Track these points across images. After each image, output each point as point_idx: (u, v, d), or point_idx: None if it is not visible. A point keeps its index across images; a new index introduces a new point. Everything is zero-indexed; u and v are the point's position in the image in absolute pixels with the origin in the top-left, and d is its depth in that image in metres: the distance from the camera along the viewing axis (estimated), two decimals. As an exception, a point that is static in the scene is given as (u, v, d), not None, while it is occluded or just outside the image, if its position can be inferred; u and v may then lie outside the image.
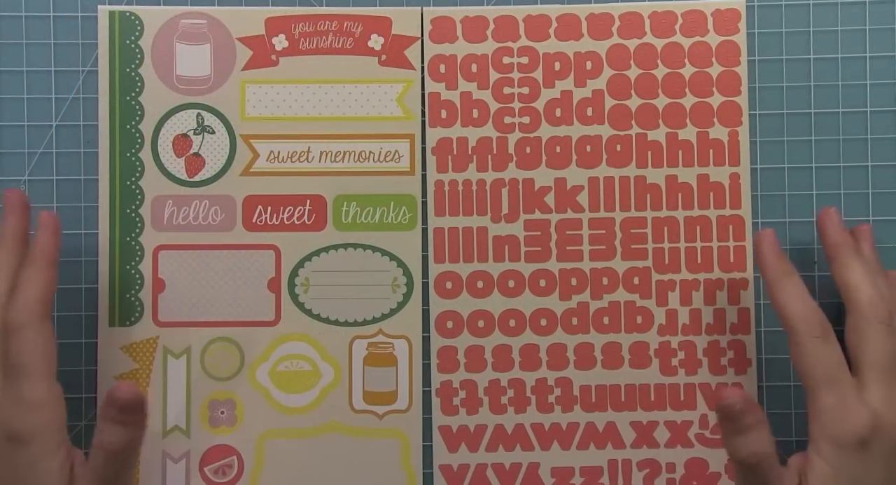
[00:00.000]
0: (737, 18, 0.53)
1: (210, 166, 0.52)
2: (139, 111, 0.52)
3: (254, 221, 0.52)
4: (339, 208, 0.52)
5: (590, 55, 0.53)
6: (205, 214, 0.52)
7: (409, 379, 0.52)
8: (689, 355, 0.53)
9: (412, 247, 0.52)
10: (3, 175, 0.53)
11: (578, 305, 0.53)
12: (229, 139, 0.52)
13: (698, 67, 0.53)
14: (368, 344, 0.52)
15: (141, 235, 0.52)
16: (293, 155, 0.52)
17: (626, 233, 0.53)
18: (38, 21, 0.53)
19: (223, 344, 0.51)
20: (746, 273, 0.53)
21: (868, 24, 0.54)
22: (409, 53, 0.52)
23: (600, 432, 0.53)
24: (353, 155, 0.52)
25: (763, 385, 0.53)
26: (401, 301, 0.52)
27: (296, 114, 0.52)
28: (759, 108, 0.54)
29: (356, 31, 0.52)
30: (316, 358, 0.52)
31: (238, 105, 0.52)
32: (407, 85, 0.52)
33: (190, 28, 0.52)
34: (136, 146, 0.52)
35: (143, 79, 0.52)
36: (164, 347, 0.51)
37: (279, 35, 0.52)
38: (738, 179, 0.53)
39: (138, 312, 0.51)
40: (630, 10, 0.53)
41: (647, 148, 0.53)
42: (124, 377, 0.51)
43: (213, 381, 0.51)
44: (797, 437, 0.53)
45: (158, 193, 0.52)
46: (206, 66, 0.52)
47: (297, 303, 0.52)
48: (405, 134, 0.52)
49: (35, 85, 0.53)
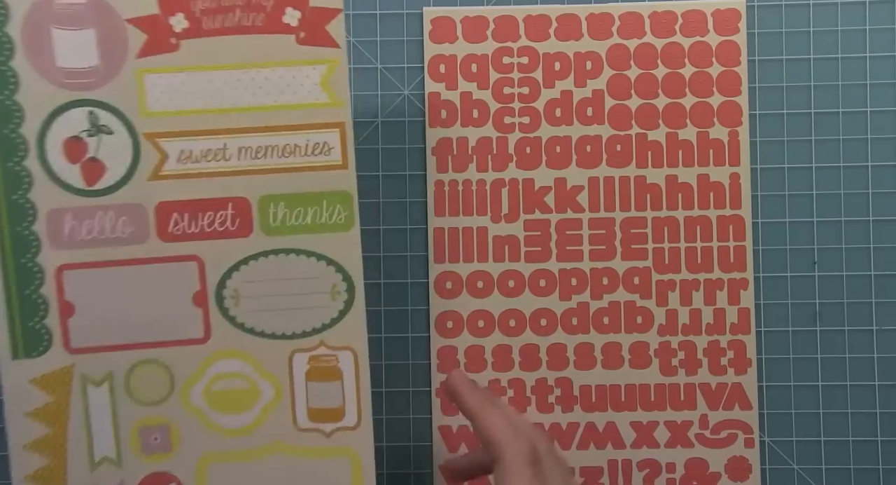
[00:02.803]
0: (737, 18, 0.53)
1: (112, 172, 0.45)
2: (18, 113, 0.44)
3: (170, 230, 0.45)
4: (266, 210, 0.46)
5: (590, 55, 0.53)
6: (112, 226, 0.45)
7: (357, 393, 0.47)
8: (689, 355, 0.53)
9: (350, 249, 0.46)
10: (4, 175, 0.53)
11: (578, 305, 0.53)
12: (131, 139, 0.45)
13: (698, 67, 0.53)
14: (310, 358, 0.47)
15: (38, 255, 0.45)
16: (208, 153, 0.45)
17: (626, 233, 0.53)
18: None
19: (149, 366, 0.46)
20: (746, 273, 0.53)
21: (868, 24, 0.54)
22: (331, 29, 0.45)
23: (600, 432, 0.53)
24: (277, 150, 0.46)
25: (763, 385, 0.53)
26: (342, 309, 0.47)
27: (206, 106, 0.45)
28: (759, 108, 0.54)
29: (267, 4, 0.45)
30: (253, 375, 0.47)
31: (136, 99, 0.45)
32: (331, 66, 0.46)
33: (67, 9, 0.44)
34: (20, 154, 0.45)
35: (17, 74, 0.44)
36: (81, 376, 0.46)
37: (177, 14, 0.45)
38: (738, 179, 0.53)
39: (46, 340, 0.45)
40: (630, 10, 0.53)
41: (647, 148, 0.53)
42: (37, 413, 0.45)
43: (141, 407, 0.46)
44: (797, 437, 0.53)
45: (54, 206, 0.45)
46: (93, 54, 0.44)
47: (228, 317, 0.46)
48: (334, 122, 0.46)
49: None
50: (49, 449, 0.45)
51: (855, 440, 0.53)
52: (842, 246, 0.53)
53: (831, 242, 0.54)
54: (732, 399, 0.53)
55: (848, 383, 0.53)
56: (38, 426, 0.45)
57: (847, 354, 0.53)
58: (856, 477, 0.53)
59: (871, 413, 0.53)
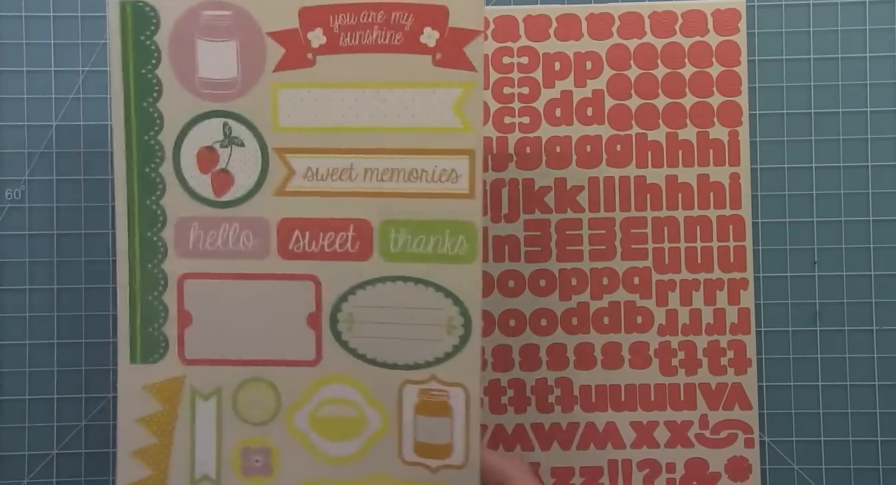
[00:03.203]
0: (737, 18, 0.53)
1: (240, 184, 0.45)
2: (158, 120, 0.45)
3: (290, 247, 0.45)
4: (387, 235, 0.44)
5: (590, 55, 0.53)
6: (235, 238, 0.45)
7: (466, 432, 0.45)
8: (689, 355, 0.53)
9: (471, 283, 0.44)
10: (4, 175, 0.53)
11: (578, 305, 0.53)
12: (261, 153, 0.45)
13: (698, 67, 0.53)
14: (420, 391, 0.45)
15: (164, 261, 0.45)
16: (334, 172, 0.44)
17: (626, 233, 0.53)
18: (38, 21, 0.53)
19: (257, 385, 0.45)
20: (746, 273, 0.53)
21: (868, 24, 0.54)
22: (469, 51, 0.44)
23: (600, 432, 0.53)
24: (403, 173, 0.44)
25: (763, 385, 0.53)
26: (457, 344, 0.45)
27: (336, 124, 0.44)
28: (759, 108, 0.54)
29: (406, 23, 0.44)
30: (362, 403, 0.45)
31: (270, 113, 0.44)
32: (466, 89, 0.44)
33: (213, 21, 0.44)
34: (156, 160, 0.45)
35: (161, 82, 0.45)
36: (191, 388, 0.45)
37: (316, 29, 0.44)
38: (738, 179, 0.53)
39: (162, 348, 0.45)
40: (630, 10, 0.53)
41: (647, 148, 0.53)
42: (148, 421, 0.45)
43: (246, 425, 0.45)
44: (797, 437, 0.53)
45: (183, 215, 0.45)
46: (233, 66, 0.44)
47: (341, 341, 0.45)
48: (464, 149, 0.44)
49: (35, 85, 0.53)
50: (154, 460, 0.45)
51: (855, 440, 0.53)
52: (842, 246, 0.53)
53: (831, 242, 0.54)
54: (732, 399, 0.53)
55: (848, 383, 0.53)
56: (147, 435, 0.45)
57: (847, 354, 0.53)
58: (856, 477, 0.53)
59: (871, 413, 0.53)
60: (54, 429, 0.53)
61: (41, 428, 0.53)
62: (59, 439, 0.53)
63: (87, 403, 0.53)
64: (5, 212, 0.53)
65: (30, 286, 0.53)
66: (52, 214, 0.53)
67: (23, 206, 0.53)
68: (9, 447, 0.53)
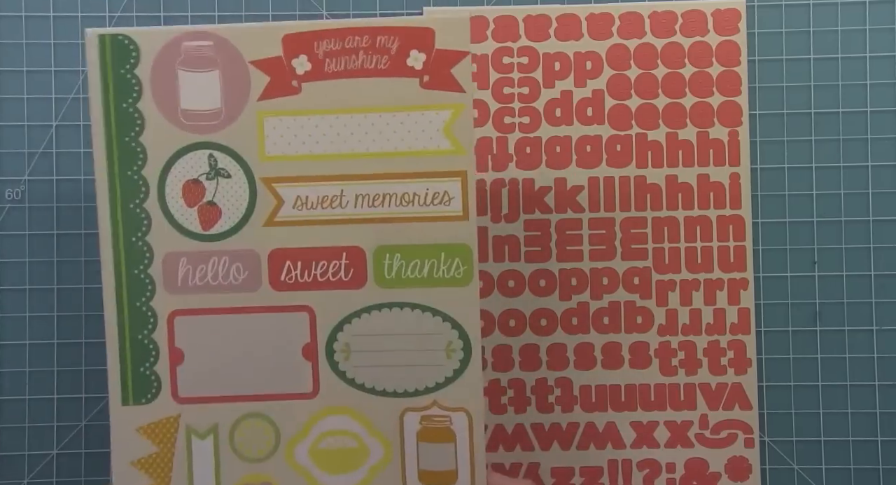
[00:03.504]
0: (737, 18, 0.53)
1: (228, 216, 0.44)
2: (141, 154, 0.44)
3: (282, 278, 0.44)
4: (381, 261, 0.44)
5: (590, 55, 0.53)
6: (225, 272, 0.44)
7: (470, 456, 0.44)
8: (689, 355, 0.53)
9: (468, 305, 0.44)
10: (3, 175, 0.53)
11: (578, 305, 0.53)
12: (248, 184, 0.44)
13: (698, 67, 0.53)
14: (422, 417, 0.44)
15: (152, 299, 0.44)
16: (324, 200, 0.44)
17: (626, 233, 0.53)
18: (38, 21, 0.53)
19: (255, 421, 0.44)
20: (746, 273, 0.53)
21: (868, 24, 0.54)
22: (456, 72, 0.43)
23: (600, 432, 0.53)
24: (395, 198, 0.44)
25: (763, 385, 0.53)
26: (457, 368, 0.44)
27: (325, 151, 0.44)
28: (759, 108, 0.54)
29: (392, 47, 0.43)
30: (363, 433, 0.44)
31: (256, 142, 0.44)
32: (456, 111, 0.43)
33: (194, 51, 0.43)
34: (141, 196, 0.44)
35: (143, 115, 0.43)
36: (187, 427, 0.44)
37: (300, 56, 0.43)
38: (738, 179, 0.53)
39: (155, 387, 0.44)
40: (630, 10, 0.53)
41: (647, 148, 0.53)
42: (143, 463, 0.44)
43: (245, 463, 0.44)
44: (797, 437, 0.53)
45: (170, 250, 0.44)
46: (216, 96, 0.44)
47: (338, 372, 0.44)
48: (455, 171, 0.44)
49: (35, 85, 0.53)
50: None
51: (855, 440, 0.53)
52: (842, 246, 0.54)
53: (831, 242, 0.54)
54: (732, 399, 0.53)
55: (848, 383, 0.53)
56: (143, 477, 0.44)
57: (847, 354, 0.53)
58: (856, 477, 0.53)
59: (871, 413, 0.53)
60: (54, 429, 0.53)
61: (41, 428, 0.53)
62: (59, 439, 0.53)
63: (87, 403, 0.53)
64: (5, 212, 0.53)
65: (30, 286, 0.53)
66: (52, 214, 0.53)
67: (23, 206, 0.53)
68: (9, 447, 0.53)
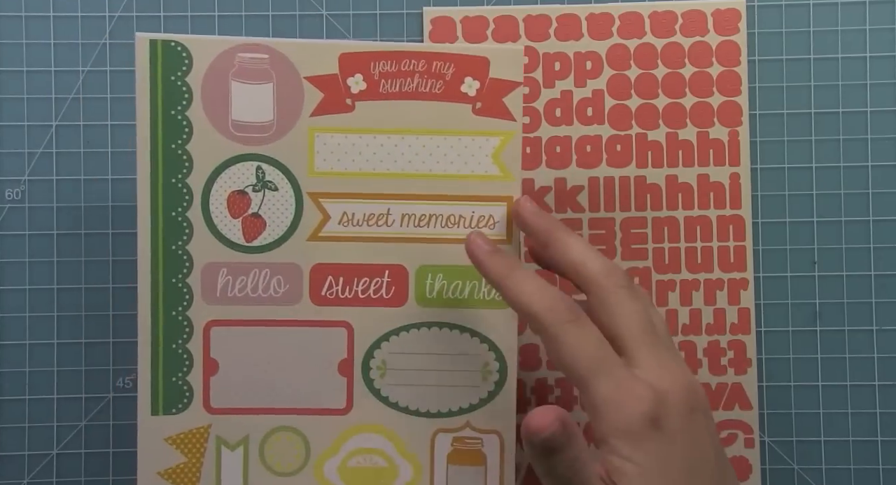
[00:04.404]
0: (737, 18, 0.53)
1: (272, 229, 0.44)
2: (187, 162, 0.44)
3: (323, 293, 0.44)
4: (423, 281, 0.44)
5: (590, 55, 0.53)
6: (265, 284, 0.44)
7: (500, 480, 0.44)
8: (689, 355, 0.53)
9: (506, 328, 0.45)
10: (3, 175, 0.53)
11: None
12: (295, 198, 0.44)
13: (698, 67, 0.53)
14: (454, 439, 0.44)
15: (189, 308, 0.44)
16: (370, 218, 0.44)
17: (626, 233, 0.53)
18: (38, 21, 0.53)
19: (286, 434, 0.44)
20: (746, 273, 0.53)
21: (868, 24, 0.54)
22: (508, 101, 0.45)
23: (600, 432, 0.53)
24: (441, 219, 0.44)
25: (763, 385, 0.53)
26: (492, 390, 0.45)
27: (374, 169, 0.44)
28: (759, 108, 0.54)
29: (447, 72, 0.44)
30: (393, 453, 0.45)
31: (306, 157, 0.44)
32: (505, 139, 0.44)
33: (249, 64, 0.43)
34: (184, 204, 0.44)
35: (191, 123, 0.44)
36: (217, 438, 0.44)
37: (356, 75, 0.44)
38: (738, 179, 0.53)
39: (187, 397, 0.44)
40: (630, 10, 0.53)
41: (647, 148, 0.53)
42: (170, 474, 0.44)
43: (274, 476, 0.44)
44: (797, 437, 0.53)
45: (210, 260, 0.44)
46: (269, 110, 0.44)
47: (373, 389, 0.44)
48: (502, 196, 0.44)
49: (35, 85, 0.53)
50: None
51: (855, 440, 0.53)
52: (842, 246, 0.54)
53: (831, 242, 0.54)
54: (732, 399, 0.53)
55: (848, 383, 0.53)
56: None
57: (847, 355, 0.53)
58: (856, 477, 0.53)
59: (871, 413, 0.53)
60: (54, 429, 0.53)
61: (41, 428, 0.53)
62: (59, 439, 0.53)
63: (87, 403, 0.53)
64: (5, 212, 0.53)
65: (30, 286, 0.53)
66: (52, 214, 0.53)
67: (23, 206, 0.53)
68: (9, 447, 0.53)
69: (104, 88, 0.53)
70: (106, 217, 0.53)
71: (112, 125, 0.53)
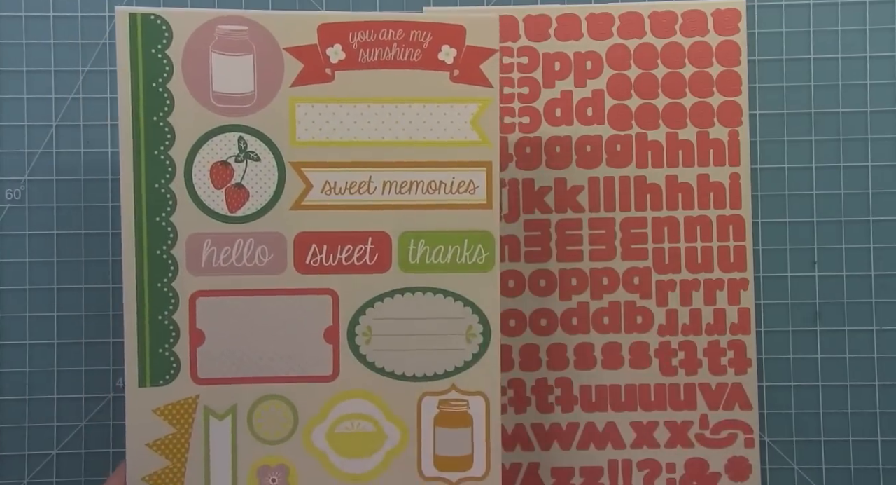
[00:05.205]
0: (737, 18, 0.53)
1: (255, 199, 0.44)
2: (169, 134, 0.44)
3: (307, 262, 0.45)
4: (406, 247, 0.45)
5: (590, 55, 0.53)
6: (250, 254, 0.44)
7: (486, 441, 0.45)
8: (689, 355, 0.53)
9: (489, 291, 0.45)
10: (3, 175, 0.53)
11: (578, 305, 0.53)
12: (277, 167, 0.44)
13: (698, 67, 0.53)
14: (440, 402, 0.45)
15: (174, 279, 0.44)
16: (352, 186, 0.45)
17: (626, 233, 0.53)
18: (38, 21, 0.53)
19: (274, 403, 0.45)
20: (746, 273, 0.53)
21: (868, 24, 0.54)
22: (485, 68, 0.45)
23: (600, 432, 0.53)
24: (422, 186, 0.45)
25: (763, 385, 0.53)
26: (476, 352, 0.45)
27: (354, 138, 0.45)
28: (759, 109, 0.54)
29: (425, 41, 0.45)
30: (380, 418, 0.45)
31: (287, 127, 0.44)
32: (483, 105, 0.45)
33: (229, 35, 0.44)
34: (166, 176, 0.44)
35: (172, 95, 0.44)
36: (205, 408, 0.44)
37: (335, 45, 0.44)
38: (738, 179, 0.53)
39: (174, 368, 0.44)
40: (630, 10, 0.53)
41: (647, 148, 0.53)
42: (159, 445, 0.44)
43: (262, 444, 0.45)
44: (797, 437, 0.53)
45: (194, 231, 0.44)
46: (249, 81, 0.44)
47: (358, 355, 0.45)
48: (481, 161, 0.45)
49: (35, 85, 0.53)
50: (167, 484, 0.44)
51: (855, 440, 0.53)
52: (842, 246, 0.54)
53: (831, 242, 0.54)
54: (732, 399, 0.53)
55: (848, 383, 0.53)
56: (158, 458, 0.44)
57: (847, 355, 0.53)
58: (856, 477, 0.53)
59: (871, 413, 0.53)
60: (54, 429, 0.53)
61: (41, 428, 0.53)
62: (59, 439, 0.53)
63: (87, 403, 0.53)
64: (5, 212, 0.53)
65: (30, 286, 0.53)
66: (52, 214, 0.53)
67: (23, 206, 0.53)
68: (9, 447, 0.53)
69: (104, 88, 0.53)
70: (106, 217, 0.53)
71: (112, 125, 0.53)
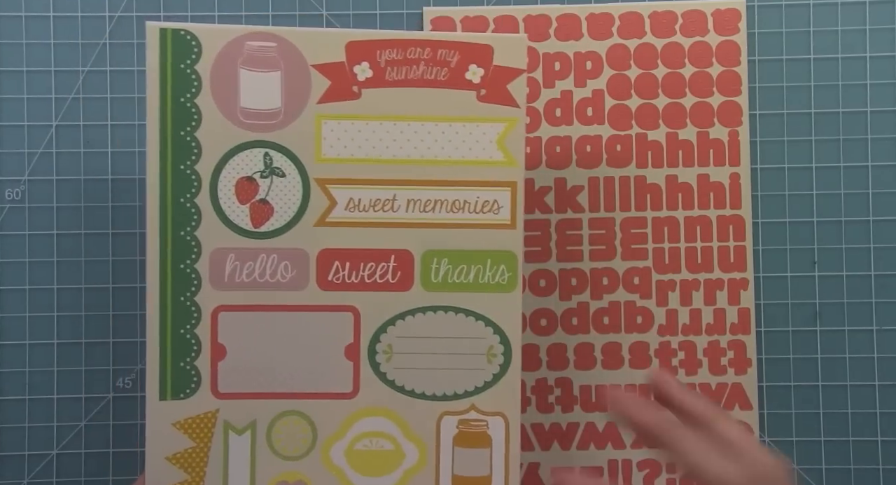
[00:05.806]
0: (737, 18, 0.53)
1: (280, 215, 0.44)
2: (195, 149, 0.44)
3: (330, 278, 0.44)
4: (428, 265, 0.45)
5: (590, 55, 0.53)
6: (273, 269, 0.44)
7: (505, 462, 0.45)
8: (689, 355, 0.53)
9: (511, 311, 0.45)
10: (3, 175, 0.53)
11: (578, 305, 0.53)
12: (302, 184, 0.44)
13: (698, 67, 0.53)
14: (459, 421, 0.45)
15: (197, 293, 0.44)
16: (376, 203, 0.45)
17: (626, 233, 0.53)
18: (38, 21, 0.53)
19: (293, 419, 0.45)
20: (746, 273, 0.53)
21: (868, 24, 0.54)
22: (512, 88, 0.45)
23: (600, 432, 0.53)
24: (446, 204, 0.45)
25: (763, 385, 0.53)
26: (497, 373, 0.45)
27: (380, 155, 0.45)
28: (759, 109, 0.54)
29: (452, 60, 0.45)
30: (399, 436, 0.45)
31: (313, 144, 0.44)
32: (509, 125, 0.45)
33: (257, 52, 0.44)
34: (192, 190, 0.44)
35: (200, 111, 0.44)
36: (224, 422, 0.44)
37: (362, 63, 0.44)
38: (738, 179, 0.53)
39: (194, 382, 0.44)
40: (630, 10, 0.53)
41: (647, 148, 0.53)
42: (178, 458, 0.44)
43: (281, 460, 0.45)
44: (797, 437, 0.53)
45: (218, 246, 0.44)
46: (276, 97, 0.44)
47: (379, 373, 0.45)
48: (506, 181, 0.45)
49: (35, 85, 0.53)
50: None
51: (855, 440, 0.53)
52: (842, 246, 0.53)
53: (831, 242, 0.54)
54: (732, 399, 0.53)
55: (848, 383, 0.53)
56: (177, 472, 0.44)
57: (847, 355, 0.53)
58: (856, 477, 0.53)
59: (871, 413, 0.53)
60: (54, 429, 0.53)
61: (41, 428, 0.53)
62: (59, 439, 0.53)
63: (87, 403, 0.53)
64: (5, 212, 0.53)
65: (30, 286, 0.53)
66: (52, 214, 0.53)
67: (23, 206, 0.53)
68: (9, 447, 0.53)
69: (104, 88, 0.53)
70: (106, 217, 0.53)
71: (112, 125, 0.53)
